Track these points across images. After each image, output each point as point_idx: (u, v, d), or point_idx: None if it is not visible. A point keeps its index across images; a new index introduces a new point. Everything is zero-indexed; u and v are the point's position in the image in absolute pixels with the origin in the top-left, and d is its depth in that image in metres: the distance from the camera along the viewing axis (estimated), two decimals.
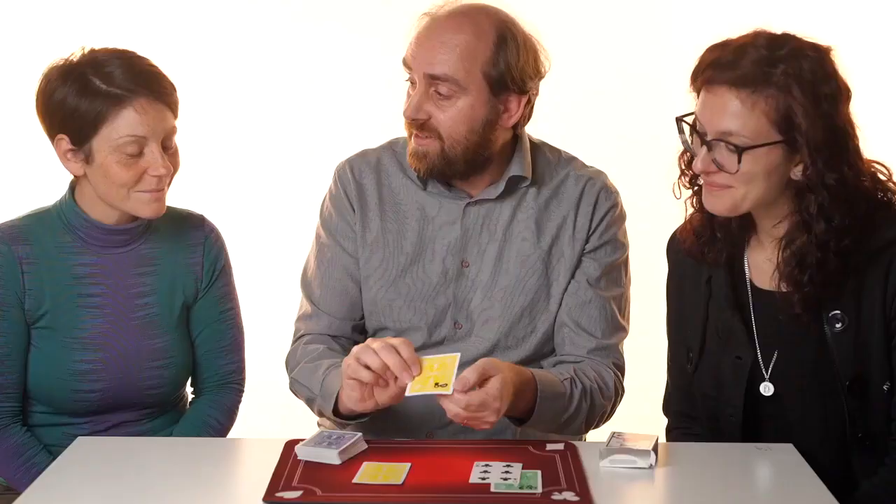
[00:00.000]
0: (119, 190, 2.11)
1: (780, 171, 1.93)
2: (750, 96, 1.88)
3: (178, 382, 2.27)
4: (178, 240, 2.26)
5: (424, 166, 2.12)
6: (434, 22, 2.10)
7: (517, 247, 2.18)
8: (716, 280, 2.08)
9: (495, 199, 2.18)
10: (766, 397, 2.04)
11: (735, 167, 1.90)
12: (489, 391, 1.87)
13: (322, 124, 3.55)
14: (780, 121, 1.89)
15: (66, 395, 2.17)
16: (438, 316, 2.18)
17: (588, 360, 2.15)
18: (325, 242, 2.25)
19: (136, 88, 2.07)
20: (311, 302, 2.24)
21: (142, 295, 2.22)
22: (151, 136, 2.09)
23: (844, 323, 1.96)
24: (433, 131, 2.09)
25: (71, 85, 2.08)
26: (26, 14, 3.45)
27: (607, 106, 3.52)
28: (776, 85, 1.88)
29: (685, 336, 2.13)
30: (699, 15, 3.50)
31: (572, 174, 2.22)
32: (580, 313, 2.17)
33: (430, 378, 1.87)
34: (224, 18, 3.53)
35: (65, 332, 2.17)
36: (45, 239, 2.17)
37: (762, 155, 1.90)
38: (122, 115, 2.07)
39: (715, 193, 1.96)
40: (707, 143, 1.92)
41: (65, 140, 2.11)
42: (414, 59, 2.09)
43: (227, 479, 1.94)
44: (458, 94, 2.07)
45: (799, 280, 1.95)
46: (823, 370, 1.99)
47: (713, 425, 2.10)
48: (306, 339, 2.21)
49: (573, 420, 2.08)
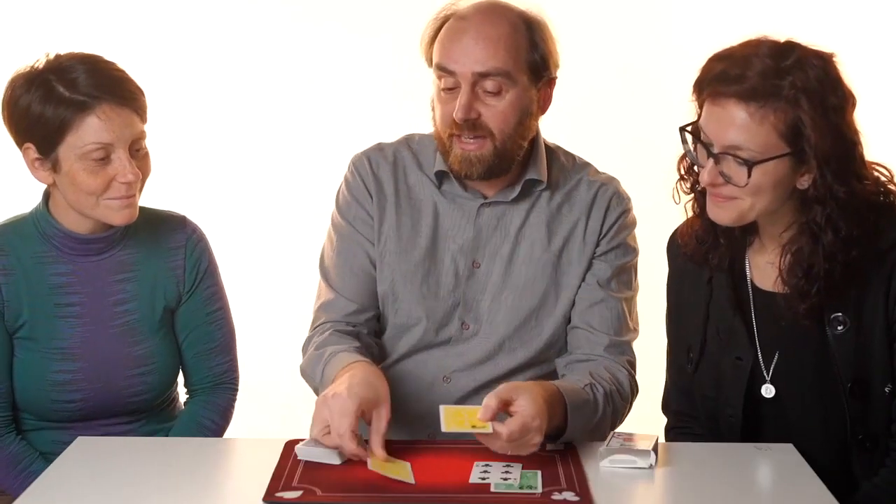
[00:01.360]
0: (88, 198, 2.09)
1: (788, 182, 1.92)
2: (759, 110, 1.86)
3: (162, 387, 2.25)
4: (158, 243, 2.24)
5: (480, 169, 2.09)
6: (467, 21, 2.08)
7: (528, 249, 2.17)
8: (717, 280, 2.08)
9: (510, 201, 2.18)
10: (766, 399, 2.04)
11: (745, 181, 1.89)
12: (524, 413, 1.84)
13: (322, 125, 3.55)
14: (788, 133, 1.87)
15: (47, 406, 2.16)
16: (447, 315, 2.18)
17: (601, 358, 2.14)
18: (343, 229, 2.22)
19: (100, 95, 2.04)
20: (330, 287, 2.21)
21: (121, 302, 2.20)
22: (118, 143, 2.06)
23: (846, 325, 1.96)
24: (484, 129, 2.07)
25: (35, 91, 2.06)
26: (26, 13, 3.45)
27: (609, 108, 3.52)
28: (785, 98, 1.86)
29: (685, 336, 2.13)
30: (702, 17, 3.50)
31: (585, 179, 2.21)
32: (592, 313, 2.16)
33: (466, 420, 1.84)
34: (225, 19, 3.52)
35: (44, 343, 2.16)
36: (21, 249, 2.15)
37: (771, 168, 1.89)
38: (86, 122, 2.04)
39: (720, 205, 1.95)
40: (714, 155, 1.91)
41: (32, 149, 2.09)
42: (457, 62, 2.05)
43: (226, 479, 1.93)
44: (507, 88, 2.06)
45: (807, 291, 1.94)
46: (825, 372, 1.98)
47: (713, 425, 2.10)
48: (325, 328, 2.17)
49: (600, 426, 2.05)
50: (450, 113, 2.07)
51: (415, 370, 2.18)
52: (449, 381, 2.17)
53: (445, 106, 2.09)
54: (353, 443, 1.80)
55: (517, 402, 1.85)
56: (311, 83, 3.56)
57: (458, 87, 2.06)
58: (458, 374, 2.17)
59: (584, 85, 3.42)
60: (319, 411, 1.84)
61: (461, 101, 2.05)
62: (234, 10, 3.53)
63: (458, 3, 2.12)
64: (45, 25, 3.40)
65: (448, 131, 2.09)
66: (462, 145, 2.08)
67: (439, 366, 2.17)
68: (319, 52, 3.55)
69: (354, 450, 1.81)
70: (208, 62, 3.51)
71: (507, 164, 2.11)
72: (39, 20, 3.42)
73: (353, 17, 3.51)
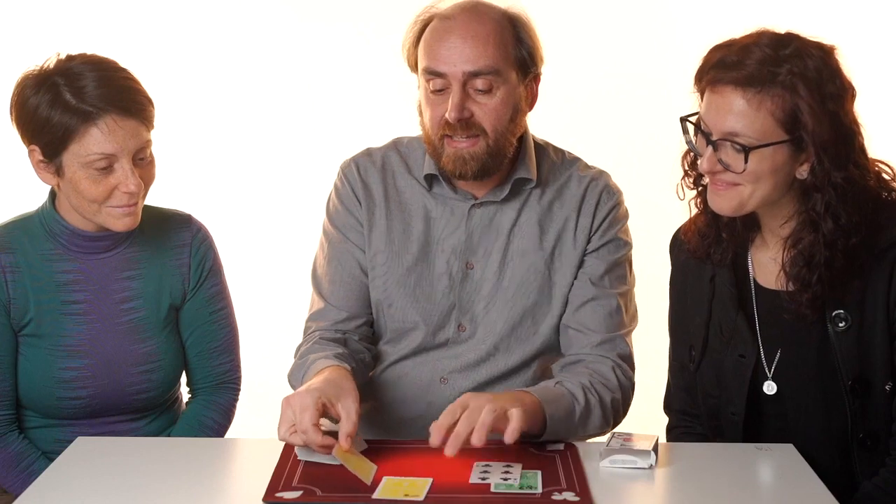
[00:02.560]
0: (90, 205, 2.09)
1: (786, 170, 1.93)
2: (756, 96, 1.88)
3: (167, 385, 2.26)
4: (164, 241, 2.25)
5: (474, 167, 2.08)
6: (453, 21, 2.07)
7: (521, 248, 2.17)
8: (720, 278, 2.08)
9: (500, 201, 2.17)
10: (768, 396, 2.03)
11: (742, 167, 1.90)
12: (452, 405, 1.84)
13: (330, 126, 3.55)
14: (786, 120, 1.88)
15: (52, 402, 2.17)
16: (442, 318, 2.18)
17: (590, 356, 2.13)
18: (334, 237, 2.23)
19: (106, 106, 2.04)
20: (321, 297, 2.22)
21: (127, 299, 2.21)
22: (121, 154, 2.06)
23: (848, 322, 1.96)
24: (477, 128, 2.06)
25: (43, 95, 2.05)
26: (33, 12, 3.46)
27: (607, 105, 3.51)
28: (782, 84, 1.87)
29: (688, 334, 2.13)
30: (700, 14, 3.49)
31: (575, 175, 2.21)
32: (583, 311, 2.16)
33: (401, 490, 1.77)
34: (233, 21, 3.52)
35: (50, 340, 2.17)
36: (28, 247, 2.16)
37: (768, 154, 1.90)
38: (90, 132, 2.04)
39: (721, 193, 1.95)
40: (713, 143, 1.92)
41: (37, 151, 2.09)
42: (446, 62, 2.04)
43: (226, 479, 1.94)
44: (498, 85, 2.06)
45: (808, 280, 1.95)
46: (826, 370, 1.98)
47: (715, 424, 2.10)
48: (313, 337, 2.18)
49: (591, 420, 2.03)
50: (440, 115, 2.06)
51: (412, 372, 2.18)
52: (446, 383, 2.17)
53: (436, 108, 2.07)
54: (317, 435, 1.79)
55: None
56: (319, 84, 3.56)
57: (447, 89, 2.05)
58: (455, 376, 2.16)
59: (583, 84, 3.43)
60: (284, 412, 1.83)
61: (454, 102, 2.04)
62: (242, 11, 3.53)
63: (436, 5, 2.11)
64: (50, 24, 3.41)
65: (440, 133, 2.08)
66: (455, 144, 2.08)
67: (436, 368, 2.17)
68: (328, 53, 3.55)
69: (320, 441, 1.79)
70: (217, 64, 3.51)
71: (500, 162, 2.11)
72: (45, 19, 3.43)
73: (361, 19, 3.51)
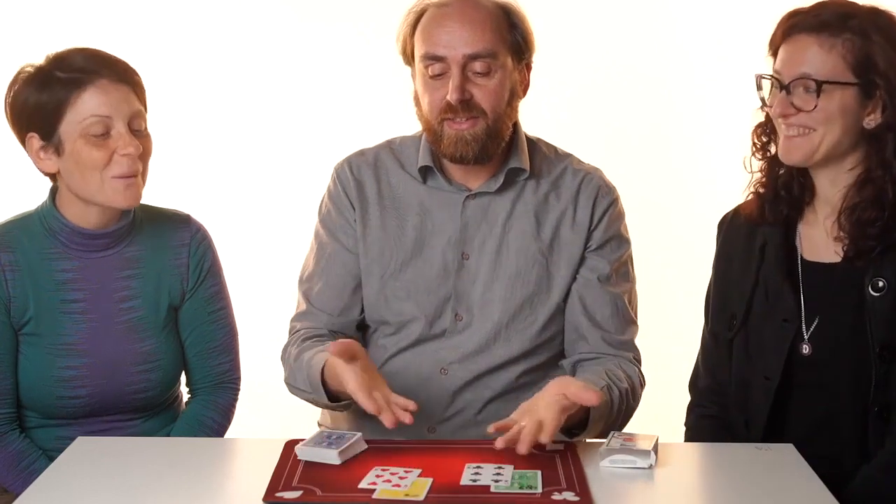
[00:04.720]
0: (93, 175, 2.10)
1: (855, 117, 1.99)
2: (828, 39, 1.96)
3: (166, 385, 2.26)
4: (163, 241, 2.25)
5: (475, 147, 2.12)
6: (450, 7, 2.12)
7: (517, 239, 2.19)
8: (770, 246, 2.11)
9: (494, 192, 2.20)
10: (803, 359, 2.06)
11: (812, 104, 1.96)
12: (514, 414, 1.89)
13: (330, 125, 3.54)
14: (856, 64, 1.96)
15: (51, 402, 2.17)
16: (439, 308, 2.19)
17: (610, 357, 2.16)
18: (325, 240, 2.25)
19: (96, 69, 2.09)
20: (307, 300, 2.25)
21: (126, 298, 2.21)
22: (116, 116, 2.09)
23: (885, 289, 1.99)
24: (477, 109, 2.10)
25: (32, 84, 2.10)
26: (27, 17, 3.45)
27: (604, 103, 3.50)
28: (852, 30, 1.96)
29: (731, 301, 2.16)
30: (698, 10, 3.49)
31: (570, 168, 2.24)
32: (595, 311, 2.18)
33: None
34: (232, 20, 3.52)
35: (49, 339, 2.16)
36: (28, 245, 2.16)
37: (837, 94, 1.96)
38: (83, 97, 2.08)
39: (793, 141, 2.01)
40: (786, 87, 1.99)
41: (35, 137, 2.11)
42: (446, 46, 2.09)
43: (226, 479, 1.94)
44: (496, 68, 2.11)
45: (868, 219, 1.98)
46: (860, 335, 2.01)
47: (742, 396, 2.11)
48: (301, 334, 2.21)
49: (612, 425, 2.05)
50: (440, 98, 2.11)
51: (412, 364, 2.20)
52: (446, 373, 2.18)
53: (435, 93, 2.12)
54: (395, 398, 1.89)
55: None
56: (318, 84, 3.56)
57: (446, 73, 2.10)
58: (455, 366, 2.18)
59: (579, 81, 3.42)
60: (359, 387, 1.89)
61: (454, 83, 2.09)
62: (242, 11, 3.52)
63: None
64: (50, 25, 3.40)
65: (440, 117, 2.12)
66: (456, 126, 2.11)
67: (436, 358, 2.19)
68: (328, 53, 3.55)
69: (403, 402, 1.88)
70: (216, 64, 3.51)
71: (497, 145, 2.14)
72: (45, 19, 3.42)
73: (361, 19, 3.51)
